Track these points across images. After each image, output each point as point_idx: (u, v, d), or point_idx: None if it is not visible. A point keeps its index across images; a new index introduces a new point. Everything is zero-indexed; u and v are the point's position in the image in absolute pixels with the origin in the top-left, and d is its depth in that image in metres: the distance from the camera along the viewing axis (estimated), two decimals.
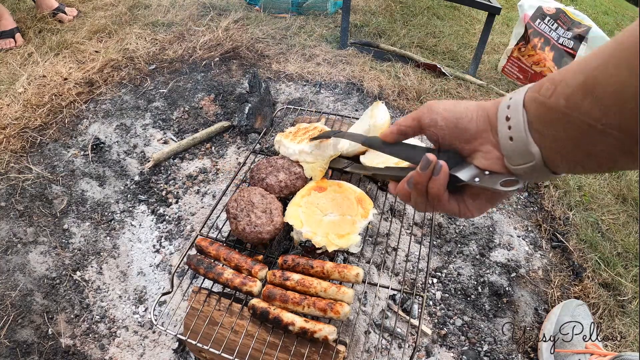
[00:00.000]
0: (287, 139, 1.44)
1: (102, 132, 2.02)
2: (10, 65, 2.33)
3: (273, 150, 1.49)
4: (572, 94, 0.45)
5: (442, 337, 1.40)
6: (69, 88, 2.17)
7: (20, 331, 1.35)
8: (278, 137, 1.47)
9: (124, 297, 1.48)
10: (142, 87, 2.29)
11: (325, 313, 1.02)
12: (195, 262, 1.14)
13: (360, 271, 1.08)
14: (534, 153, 0.51)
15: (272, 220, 1.18)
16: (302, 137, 1.44)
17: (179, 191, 1.81)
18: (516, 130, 0.51)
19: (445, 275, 1.56)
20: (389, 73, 2.45)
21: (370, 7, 3.29)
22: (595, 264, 1.60)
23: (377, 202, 1.66)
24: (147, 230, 1.67)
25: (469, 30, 3.13)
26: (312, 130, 1.47)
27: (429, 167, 0.58)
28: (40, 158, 1.87)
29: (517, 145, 0.52)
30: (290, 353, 1.03)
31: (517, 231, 1.72)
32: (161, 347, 1.35)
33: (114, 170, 1.88)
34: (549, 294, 1.52)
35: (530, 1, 2.57)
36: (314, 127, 1.49)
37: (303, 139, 1.42)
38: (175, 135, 2.06)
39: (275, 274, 1.11)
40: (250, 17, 2.92)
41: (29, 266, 1.51)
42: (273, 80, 2.38)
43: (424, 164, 0.58)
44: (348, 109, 2.21)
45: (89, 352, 1.34)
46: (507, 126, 0.52)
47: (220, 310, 1.12)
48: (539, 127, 0.50)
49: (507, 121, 0.52)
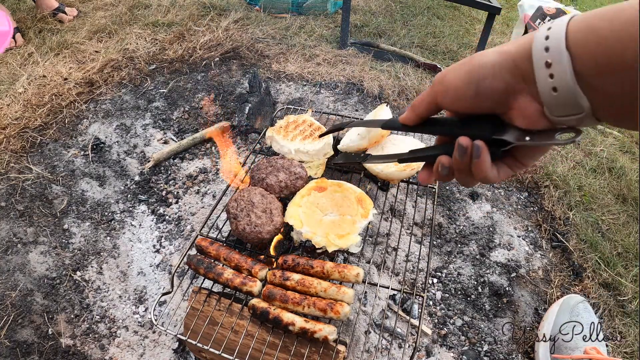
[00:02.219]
0: (280, 135, 1.44)
1: (102, 132, 2.02)
2: (10, 65, 2.33)
3: (273, 151, 1.49)
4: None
5: (442, 337, 1.40)
6: (69, 88, 2.17)
7: (20, 331, 1.35)
8: (269, 132, 1.47)
9: (124, 297, 1.48)
10: (142, 87, 2.29)
11: (325, 313, 1.02)
12: (196, 262, 1.14)
13: (360, 271, 1.07)
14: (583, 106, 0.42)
15: (272, 220, 1.18)
16: (293, 133, 1.44)
17: (179, 191, 1.81)
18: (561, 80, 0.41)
19: (446, 275, 1.56)
20: (389, 73, 2.45)
21: (370, 7, 3.29)
22: (595, 264, 1.60)
23: (377, 202, 1.66)
24: (147, 230, 1.67)
25: (469, 30, 3.13)
26: (302, 124, 1.48)
27: (466, 153, 0.51)
28: (40, 158, 1.87)
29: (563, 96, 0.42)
30: (291, 353, 1.03)
31: (517, 231, 1.72)
32: (161, 347, 1.35)
33: (114, 170, 1.88)
34: (549, 294, 1.52)
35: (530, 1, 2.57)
36: (302, 120, 1.50)
37: (296, 135, 1.43)
38: (175, 135, 2.06)
39: (275, 274, 1.11)
40: (250, 17, 2.92)
41: (29, 266, 1.51)
42: (273, 80, 2.38)
43: (460, 152, 0.51)
44: (348, 109, 2.21)
45: (89, 352, 1.34)
46: (549, 74, 0.42)
47: (221, 310, 1.12)
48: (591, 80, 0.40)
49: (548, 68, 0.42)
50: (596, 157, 2.04)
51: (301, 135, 1.44)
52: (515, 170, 0.53)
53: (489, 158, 0.50)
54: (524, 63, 0.45)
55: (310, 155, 1.41)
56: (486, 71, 0.47)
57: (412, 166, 1.29)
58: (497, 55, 0.47)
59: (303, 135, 1.43)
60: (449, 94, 0.52)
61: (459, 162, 0.52)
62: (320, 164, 1.42)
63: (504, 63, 0.46)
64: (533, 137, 0.48)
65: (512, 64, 0.46)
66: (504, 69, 0.46)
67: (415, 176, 1.47)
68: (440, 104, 0.54)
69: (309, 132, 1.45)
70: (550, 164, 1.95)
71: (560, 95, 0.42)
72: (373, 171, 1.34)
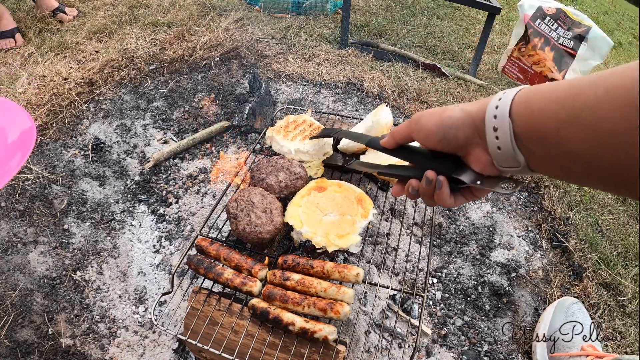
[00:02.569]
0: (280, 135, 1.44)
1: (102, 132, 2.02)
2: (10, 65, 2.33)
3: (273, 151, 1.49)
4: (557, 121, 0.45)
5: (442, 337, 1.40)
6: (69, 88, 2.17)
7: (20, 331, 1.35)
8: (269, 132, 1.47)
9: (124, 297, 1.48)
10: (142, 87, 2.29)
11: (325, 313, 1.02)
12: (196, 262, 1.14)
13: (360, 271, 1.08)
14: (520, 161, 0.53)
15: (272, 220, 1.18)
16: (293, 133, 1.44)
17: (179, 191, 1.81)
18: (503, 141, 0.52)
19: (446, 275, 1.56)
20: (389, 73, 2.45)
21: (370, 7, 3.29)
22: (595, 264, 1.60)
23: (377, 202, 1.66)
24: (147, 230, 1.67)
25: (469, 30, 3.13)
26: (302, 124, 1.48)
27: (431, 184, 0.64)
28: (41, 158, 1.87)
29: (504, 153, 0.53)
30: (291, 353, 1.03)
31: (517, 231, 1.72)
32: (161, 347, 1.35)
33: (114, 170, 1.88)
34: (549, 294, 1.52)
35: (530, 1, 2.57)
36: (302, 120, 1.50)
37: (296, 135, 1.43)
38: (176, 135, 2.06)
39: (276, 274, 1.11)
40: (250, 17, 2.92)
41: (29, 266, 1.51)
42: (273, 80, 2.38)
43: (426, 182, 0.64)
44: (348, 109, 2.21)
45: (89, 352, 1.34)
46: (495, 136, 0.53)
47: (221, 310, 1.12)
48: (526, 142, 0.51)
49: (495, 132, 0.53)
50: None
51: (301, 135, 1.44)
52: (469, 199, 0.67)
53: (448, 190, 0.64)
54: (480, 124, 0.56)
55: (310, 155, 1.41)
56: (452, 124, 0.59)
57: None
58: (462, 114, 0.59)
59: (303, 135, 1.44)
60: (422, 134, 0.64)
61: (425, 189, 0.65)
62: (321, 164, 1.42)
63: (467, 120, 0.58)
64: (483, 181, 0.60)
65: (472, 123, 0.57)
66: (466, 125, 0.58)
67: None
68: (414, 139, 0.67)
69: (308, 132, 1.45)
70: None
71: (503, 152, 0.53)
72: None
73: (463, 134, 0.58)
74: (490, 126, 0.53)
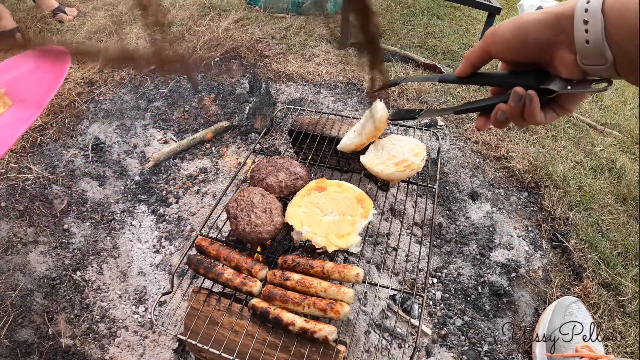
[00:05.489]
0: None
1: (102, 132, 2.02)
2: None
3: (273, 150, 1.49)
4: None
5: (442, 337, 1.40)
6: (69, 88, 2.17)
7: (20, 331, 1.35)
8: None
9: (124, 297, 1.48)
10: (142, 87, 2.29)
11: (325, 313, 1.02)
12: (196, 262, 1.14)
13: (360, 271, 1.08)
14: (607, 58, 0.52)
15: (272, 220, 1.18)
16: None
17: (179, 191, 1.81)
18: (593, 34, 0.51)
19: (445, 275, 1.56)
20: (389, 73, 2.45)
21: None
22: (595, 264, 1.60)
23: (377, 202, 1.66)
24: (147, 230, 1.67)
25: (469, 30, 3.13)
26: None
27: (521, 100, 0.61)
28: (40, 158, 1.87)
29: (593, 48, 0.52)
30: (291, 353, 1.03)
31: (517, 231, 1.72)
32: (161, 347, 1.35)
33: (114, 170, 1.88)
34: (549, 294, 1.52)
35: (530, 1, 2.57)
36: None
37: None
38: (175, 135, 2.06)
39: (276, 274, 1.11)
40: (250, 17, 2.92)
41: (29, 266, 1.51)
42: (273, 80, 2.38)
43: (515, 99, 0.61)
44: (348, 109, 2.21)
45: (89, 352, 1.34)
46: (584, 29, 0.52)
47: (221, 310, 1.12)
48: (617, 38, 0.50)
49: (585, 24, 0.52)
50: (596, 157, 2.04)
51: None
52: (560, 114, 0.64)
53: (539, 104, 0.61)
54: (564, 19, 0.55)
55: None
56: (532, 26, 0.57)
57: (412, 167, 1.29)
58: (542, 14, 0.57)
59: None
60: (500, 44, 0.62)
61: (514, 108, 0.62)
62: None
63: (548, 19, 0.57)
64: (573, 86, 0.58)
65: (555, 20, 0.56)
66: (548, 24, 0.57)
67: (415, 177, 1.47)
68: (491, 53, 0.64)
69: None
70: (550, 164, 1.95)
71: (591, 46, 0.52)
72: (373, 171, 1.34)
73: (545, 34, 0.57)
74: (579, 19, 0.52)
